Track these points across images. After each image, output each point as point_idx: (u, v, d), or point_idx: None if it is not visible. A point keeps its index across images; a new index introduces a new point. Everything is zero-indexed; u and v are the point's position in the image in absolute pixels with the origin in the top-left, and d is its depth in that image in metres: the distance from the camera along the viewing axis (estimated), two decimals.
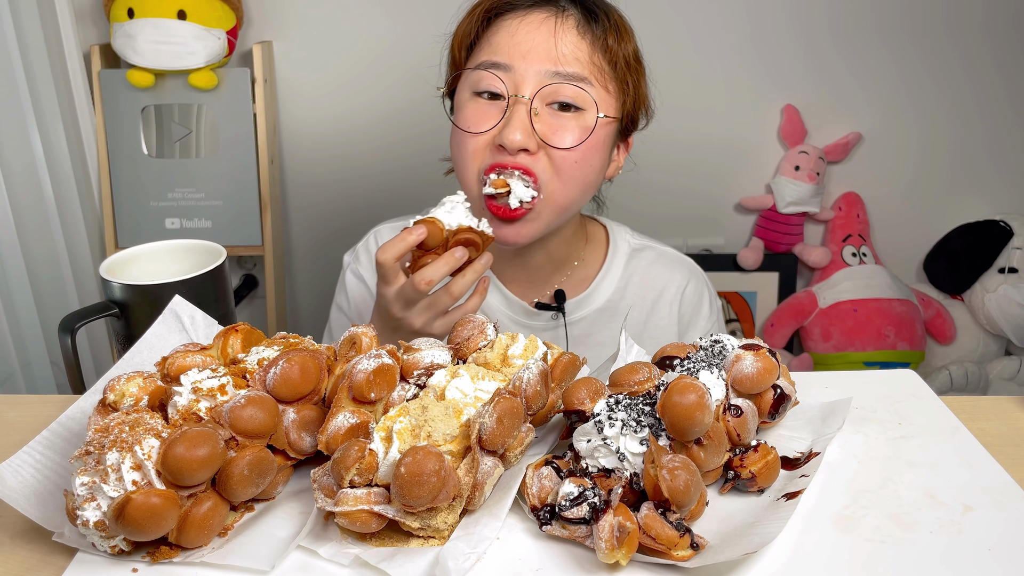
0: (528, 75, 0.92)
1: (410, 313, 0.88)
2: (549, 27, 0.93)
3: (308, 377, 0.60)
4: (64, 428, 0.65)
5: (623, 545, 0.51)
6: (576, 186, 0.95)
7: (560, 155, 0.93)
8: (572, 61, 0.93)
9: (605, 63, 0.95)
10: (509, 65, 0.93)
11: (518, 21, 0.94)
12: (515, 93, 0.92)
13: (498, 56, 0.94)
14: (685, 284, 1.11)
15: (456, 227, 0.85)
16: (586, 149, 0.94)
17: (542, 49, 0.92)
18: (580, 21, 0.95)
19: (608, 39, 0.95)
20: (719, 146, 2.11)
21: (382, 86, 2.01)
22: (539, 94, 0.92)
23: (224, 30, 1.88)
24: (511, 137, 0.90)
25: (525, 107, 0.92)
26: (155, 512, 0.51)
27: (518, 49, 0.93)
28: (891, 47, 2.02)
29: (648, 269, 1.11)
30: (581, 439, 0.59)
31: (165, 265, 0.91)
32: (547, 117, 0.93)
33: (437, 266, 0.84)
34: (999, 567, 0.53)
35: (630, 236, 1.14)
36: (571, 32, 0.94)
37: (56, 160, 1.83)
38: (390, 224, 1.16)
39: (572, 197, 0.96)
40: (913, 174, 2.14)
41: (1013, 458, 0.66)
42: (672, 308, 1.10)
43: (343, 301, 1.14)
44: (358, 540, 0.56)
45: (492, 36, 0.96)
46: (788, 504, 0.58)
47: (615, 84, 0.96)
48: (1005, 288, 2.07)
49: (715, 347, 0.65)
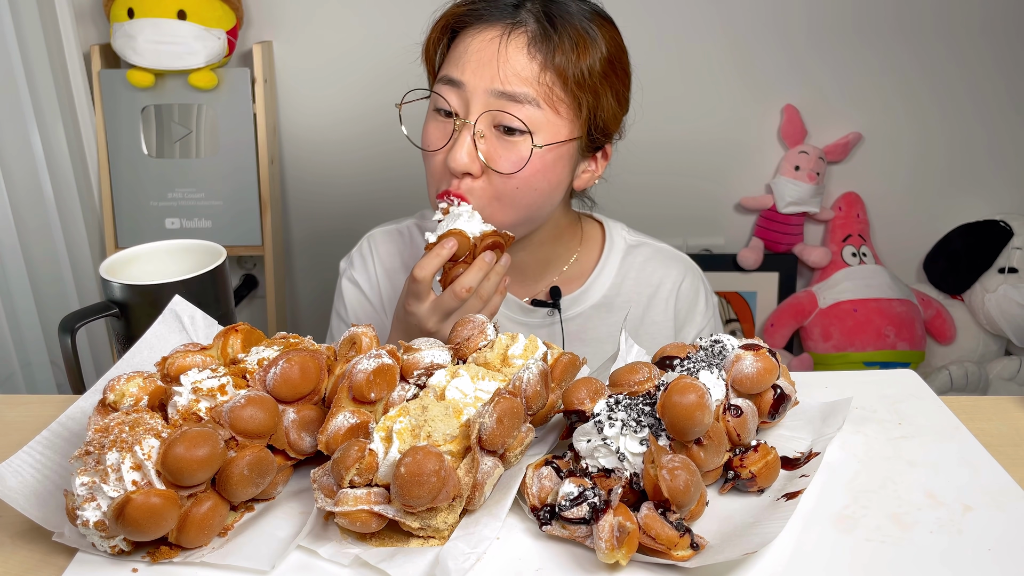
0: (476, 93, 0.91)
1: (446, 324, 0.89)
2: (497, 44, 0.91)
3: (308, 377, 0.60)
4: (64, 428, 0.65)
5: (623, 545, 0.51)
6: (519, 209, 0.94)
7: (500, 179, 0.91)
8: (515, 81, 0.89)
9: (556, 83, 0.91)
10: (461, 81, 0.91)
11: (473, 36, 0.93)
12: (463, 115, 0.91)
13: (454, 71, 0.92)
14: (681, 280, 1.11)
15: (480, 233, 0.88)
16: (529, 175, 0.91)
17: (489, 67, 0.90)
18: (534, 38, 0.90)
19: (557, 57, 0.90)
20: (719, 146, 2.11)
21: (382, 86, 2.01)
22: (484, 116, 0.91)
23: (224, 30, 1.88)
24: (454, 160, 0.90)
25: (469, 131, 0.91)
26: (155, 512, 0.51)
27: (469, 65, 0.91)
28: (891, 47, 2.02)
29: (644, 265, 1.11)
30: (581, 439, 0.59)
31: (165, 265, 0.91)
32: (492, 139, 0.91)
33: (473, 273, 0.87)
34: (999, 567, 0.53)
35: (626, 233, 1.14)
36: (520, 51, 0.90)
37: (56, 160, 1.83)
38: (383, 228, 1.16)
39: (516, 219, 0.95)
40: (913, 174, 2.14)
41: (1013, 458, 0.66)
42: (668, 304, 1.11)
43: (341, 309, 1.14)
44: (358, 540, 0.56)
45: (453, 49, 0.95)
46: (788, 504, 0.58)
47: (567, 104, 0.92)
48: (1005, 288, 2.07)
49: (715, 347, 0.65)
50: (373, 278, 1.12)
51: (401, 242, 1.14)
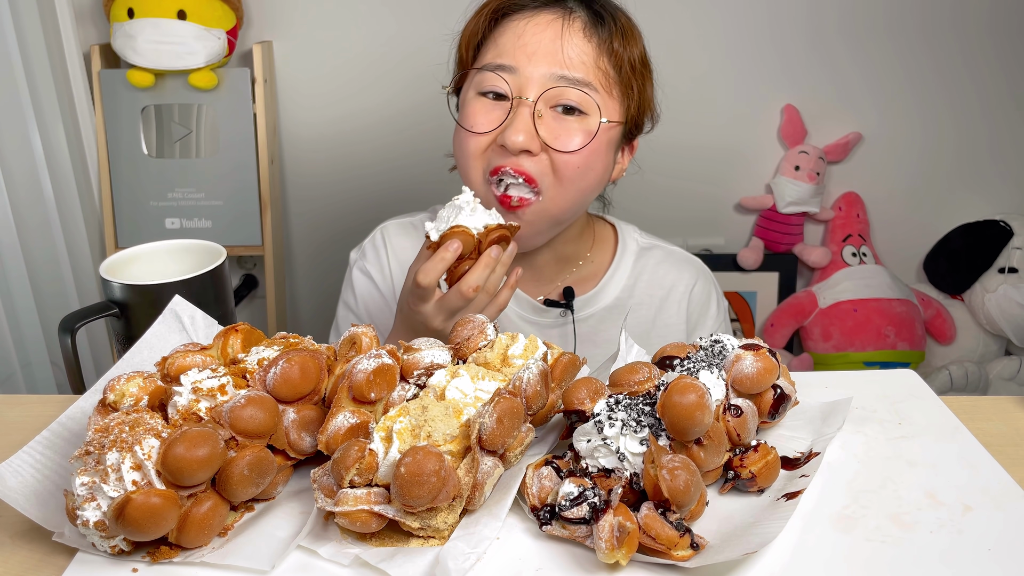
0: (533, 77, 0.92)
1: (452, 322, 0.88)
2: (556, 29, 0.93)
3: (308, 377, 0.60)
4: (64, 428, 0.65)
5: (623, 545, 0.51)
6: (575, 191, 0.95)
7: (562, 159, 0.93)
8: (577, 65, 0.92)
9: (610, 67, 0.94)
10: (514, 67, 0.93)
11: (525, 22, 0.94)
12: (519, 95, 0.92)
13: (504, 58, 0.94)
14: (693, 283, 1.12)
15: (484, 228, 0.85)
16: (588, 153, 0.94)
17: (547, 51, 0.92)
18: (587, 24, 0.94)
19: (614, 43, 0.94)
20: (719, 146, 2.11)
21: (382, 86, 2.01)
22: (543, 96, 0.92)
23: (224, 30, 1.88)
24: (513, 138, 0.90)
25: (529, 109, 0.92)
26: (155, 512, 0.51)
27: (524, 51, 0.93)
28: (891, 47, 2.02)
29: (656, 268, 1.11)
30: (581, 439, 0.59)
31: (165, 265, 0.91)
32: (550, 120, 0.93)
33: (479, 271, 0.84)
34: (999, 567, 0.53)
35: (638, 235, 1.14)
36: (577, 35, 0.93)
37: (56, 160, 1.83)
38: (397, 221, 1.15)
39: (570, 201, 0.96)
40: (913, 174, 2.14)
41: (1013, 458, 0.66)
42: (680, 307, 1.11)
43: (350, 298, 1.13)
44: (358, 540, 0.56)
45: (499, 37, 0.96)
46: (788, 504, 0.58)
47: (620, 88, 0.96)
48: (1005, 288, 2.07)
49: (715, 347, 0.65)
50: (386, 269, 1.12)
51: (415, 235, 1.13)
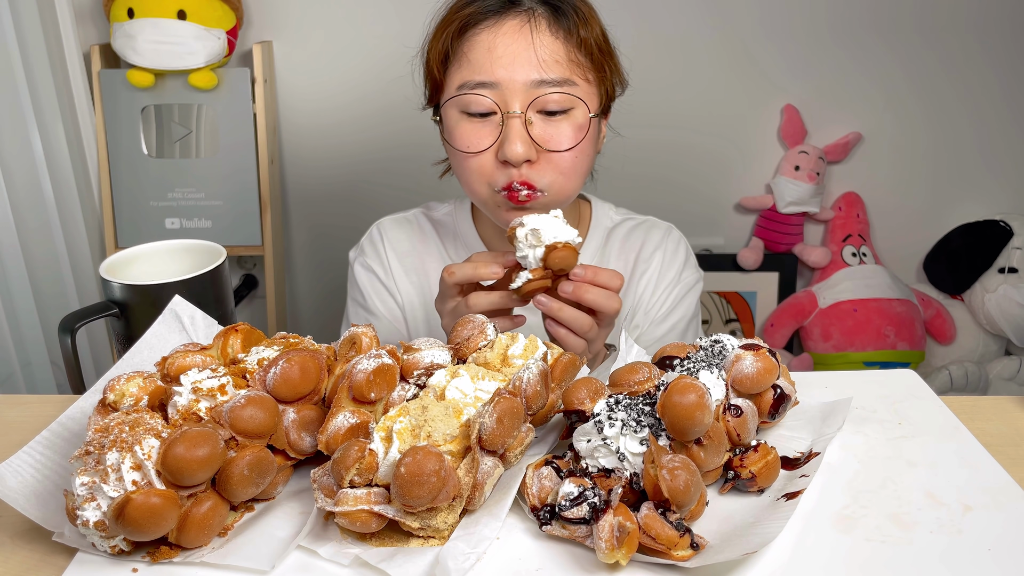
0: (515, 87, 0.92)
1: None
2: (525, 35, 0.93)
3: (308, 377, 0.60)
4: (64, 428, 0.65)
5: (623, 545, 0.51)
6: (578, 177, 0.98)
7: (559, 156, 0.94)
8: (552, 65, 0.92)
9: (582, 56, 0.95)
10: (494, 82, 0.92)
11: (492, 34, 0.93)
12: (506, 109, 0.92)
13: (482, 74, 0.93)
14: (663, 238, 1.13)
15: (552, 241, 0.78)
16: (585, 143, 0.96)
17: (523, 60, 0.92)
18: (550, 20, 0.94)
19: (580, 31, 0.95)
20: (719, 146, 2.11)
21: (382, 86, 2.01)
22: (529, 106, 0.92)
23: (224, 30, 1.88)
24: (513, 152, 0.91)
25: (519, 120, 0.92)
26: (155, 512, 0.51)
27: (500, 63, 0.92)
28: (891, 47, 2.02)
29: (628, 236, 1.14)
30: (581, 439, 0.59)
31: (165, 265, 0.91)
32: (541, 124, 0.94)
33: (492, 298, 0.83)
34: (999, 567, 0.53)
35: (612, 212, 1.16)
36: (545, 35, 0.93)
37: (56, 160, 1.83)
38: (391, 217, 1.17)
39: (573, 186, 0.99)
40: (913, 174, 2.14)
41: (1013, 458, 0.66)
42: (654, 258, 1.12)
43: (357, 294, 1.15)
44: (358, 540, 0.56)
45: (469, 52, 0.95)
46: (788, 504, 0.58)
47: (594, 73, 0.97)
48: (1005, 288, 2.07)
49: (715, 347, 0.65)
50: (385, 262, 1.14)
51: (409, 228, 1.16)
